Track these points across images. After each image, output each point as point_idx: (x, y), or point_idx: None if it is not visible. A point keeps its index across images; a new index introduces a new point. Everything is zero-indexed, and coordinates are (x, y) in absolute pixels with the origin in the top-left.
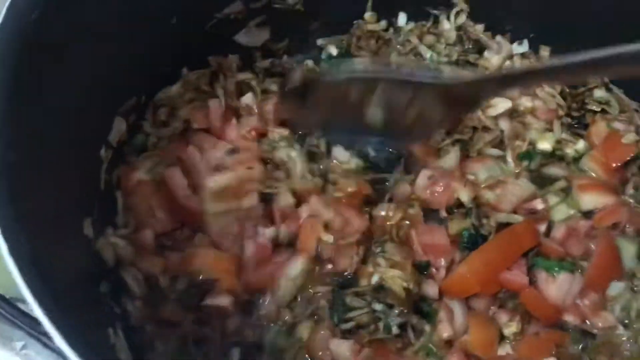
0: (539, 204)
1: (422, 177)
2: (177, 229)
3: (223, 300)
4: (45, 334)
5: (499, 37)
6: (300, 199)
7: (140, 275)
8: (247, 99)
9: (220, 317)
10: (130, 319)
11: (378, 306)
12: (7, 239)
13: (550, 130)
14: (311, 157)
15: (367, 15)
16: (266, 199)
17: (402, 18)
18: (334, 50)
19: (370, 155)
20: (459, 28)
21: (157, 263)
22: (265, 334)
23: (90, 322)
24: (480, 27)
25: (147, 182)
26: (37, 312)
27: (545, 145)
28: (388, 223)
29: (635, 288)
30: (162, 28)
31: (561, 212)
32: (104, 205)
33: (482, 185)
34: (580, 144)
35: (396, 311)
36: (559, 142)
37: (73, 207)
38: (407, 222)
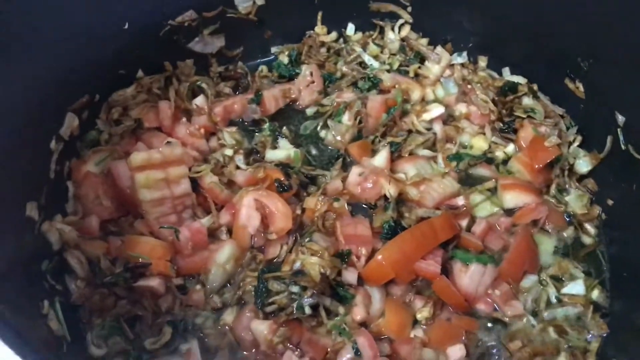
0: (459, 201)
1: (353, 174)
2: (123, 216)
3: (154, 282)
4: None
5: (439, 48)
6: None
7: (83, 258)
8: (199, 100)
9: (152, 297)
10: (70, 297)
11: (294, 288)
12: None
13: (483, 133)
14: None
15: (317, 28)
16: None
17: (350, 28)
18: (285, 59)
19: (312, 152)
20: (402, 39)
21: (100, 246)
22: (195, 318)
23: (24, 292)
24: (424, 41)
25: (95, 173)
26: None
27: (480, 144)
28: (315, 215)
29: (543, 282)
30: (114, 33)
31: (485, 209)
32: (54, 193)
33: (408, 183)
34: (510, 147)
35: (309, 293)
36: (489, 145)
37: (16, 190)
38: (333, 214)
